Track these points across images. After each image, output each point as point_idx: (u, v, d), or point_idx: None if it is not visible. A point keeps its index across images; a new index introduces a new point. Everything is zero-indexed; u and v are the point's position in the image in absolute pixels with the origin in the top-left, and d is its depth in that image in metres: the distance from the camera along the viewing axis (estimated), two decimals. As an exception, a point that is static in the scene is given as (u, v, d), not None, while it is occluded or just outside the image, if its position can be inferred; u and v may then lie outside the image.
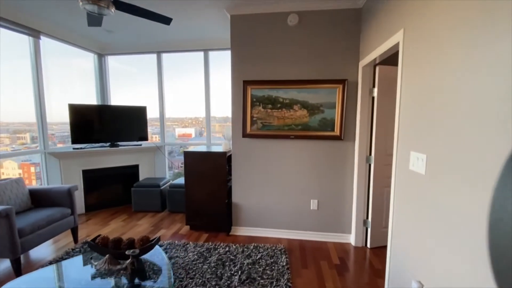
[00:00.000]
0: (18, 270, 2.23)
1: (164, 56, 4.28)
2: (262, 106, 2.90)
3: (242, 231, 3.11)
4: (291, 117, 2.87)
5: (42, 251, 2.72)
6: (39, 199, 2.80)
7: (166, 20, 2.59)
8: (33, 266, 2.42)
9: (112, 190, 4.12)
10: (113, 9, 2.27)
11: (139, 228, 3.31)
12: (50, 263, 2.45)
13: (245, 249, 2.71)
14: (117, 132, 4.07)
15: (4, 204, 2.48)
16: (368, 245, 2.82)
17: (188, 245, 2.79)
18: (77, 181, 3.74)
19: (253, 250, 2.69)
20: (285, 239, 3.00)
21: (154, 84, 4.33)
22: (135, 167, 4.25)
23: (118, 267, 1.72)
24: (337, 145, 2.86)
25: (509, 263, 0.47)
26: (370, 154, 2.75)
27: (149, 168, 4.37)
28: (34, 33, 3.19)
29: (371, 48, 2.39)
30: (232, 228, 3.14)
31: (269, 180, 3.00)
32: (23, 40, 3.18)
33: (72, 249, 2.71)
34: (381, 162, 2.70)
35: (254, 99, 2.90)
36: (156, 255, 2.00)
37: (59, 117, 3.80)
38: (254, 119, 2.93)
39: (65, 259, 2.51)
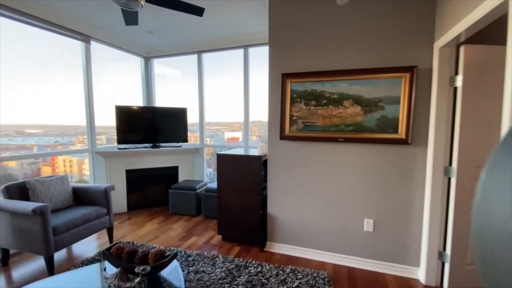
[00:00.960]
0: (51, 268, 2.24)
1: (205, 56, 4.17)
2: (304, 103, 2.46)
3: (278, 248, 2.69)
4: (340, 116, 2.35)
5: (78, 249, 2.76)
6: (80, 197, 2.88)
7: (199, 11, 2.38)
8: (66, 265, 2.44)
9: (153, 190, 4.15)
10: (143, 1, 2.14)
11: (172, 232, 3.18)
12: (82, 263, 2.43)
13: (280, 271, 2.29)
14: (158, 133, 4.09)
15: (47, 200, 2.57)
16: (445, 286, 2.10)
17: (217, 259, 2.50)
18: (121, 180, 3.85)
19: (290, 274, 2.25)
20: (329, 263, 2.47)
21: (197, 86, 4.25)
22: (175, 169, 4.22)
23: (128, 285, 1.50)
24: (402, 151, 2.23)
25: (491, 266, 0.48)
26: (451, 164, 2.05)
27: (188, 170, 4.29)
28: (85, 38, 3.38)
29: (453, 20, 1.75)
30: (267, 244, 2.74)
31: (312, 191, 2.52)
32: (76, 45, 3.38)
33: (106, 250, 2.67)
34: (468, 176, 1.98)
35: (295, 95, 2.48)
36: (174, 273, 1.74)
37: (110, 119, 3.98)
38: (294, 118, 2.50)
39: (97, 260, 2.48)
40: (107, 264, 1.77)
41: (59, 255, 2.61)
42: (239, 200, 2.81)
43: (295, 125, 2.50)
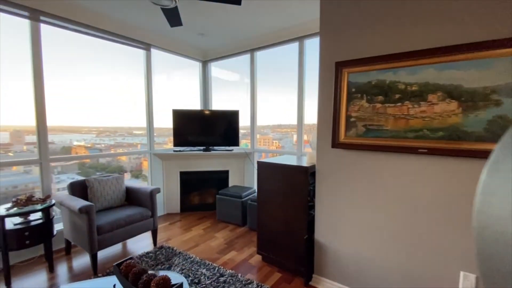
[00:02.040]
0: (94, 265, 2.32)
1: (258, 55, 3.89)
2: (367, 99, 1.83)
3: (327, 285, 2.11)
4: (423, 116, 1.63)
5: (121, 249, 2.85)
6: (131, 196, 3.00)
7: (236, 0, 2.08)
8: (106, 264, 2.52)
9: (204, 193, 4.13)
10: (176, -4, 1.99)
11: (213, 242, 2.98)
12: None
13: (324, 322, 1.74)
14: (211, 136, 4.05)
15: (102, 198, 2.75)
16: None
17: (251, 286, 2.13)
18: (175, 182, 3.95)
19: (338, 330, 1.67)
20: (401, 325, 1.75)
21: (249, 86, 4.03)
22: (226, 173, 4.09)
23: (126, 313, 1.29)
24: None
25: (492, 267, 0.48)
26: None
27: (238, 175, 4.09)
28: (146, 46, 3.58)
29: None
30: (314, 277, 2.20)
31: (375, 219, 1.85)
32: (138, 53, 3.62)
33: (147, 253, 2.68)
34: None
35: (353, 89, 1.88)
36: (185, 304, 1.46)
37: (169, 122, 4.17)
38: (352, 119, 1.90)
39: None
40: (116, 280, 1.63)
41: (107, 252, 2.73)
42: (282, 218, 2.36)
43: (353, 129, 1.90)
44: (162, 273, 1.52)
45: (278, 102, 3.98)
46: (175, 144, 3.96)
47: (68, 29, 2.82)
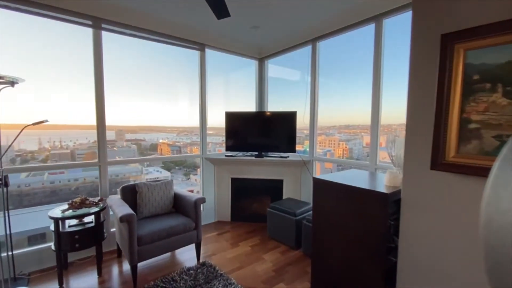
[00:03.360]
0: (134, 277, 2.20)
1: (321, 45, 3.29)
2: (504, 93, 1.08)
3: None
4: None
5: (164, 260, 2.69)
6: (178, 204, 2.85)
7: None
8: (148, 275, 2.38)
9: (255, 203, 3.76)
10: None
11: (260, 266, 2.56)
12: (162, 280, 2.28)
13: None
14: (264, 141, 3.65)
15: (149, 204, 2.67)
16: None
17: None
18: (226, 188, 3.71)
19: None
20: None
21: (310, 82, 3.46)
22: (280, 183, 3.62)
23: None
24: None
25: (497, 261, 0.48)
26: None
27: (294, 186, 3.57)
28: (200, 46, 3.44)
29: None
30: None
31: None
32: (193, 54, 3.51)
33: (188, 269, 2.45)
34: None
35: (476, 76, 1.15)
36: None
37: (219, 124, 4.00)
38: (473, 126, 1.16)
39: (174, 280, 2.26)
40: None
41: (149, 262, 2.60)
42: (345, 258, 1.75)
43: (474, 142, 1.16)
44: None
45: (344, 99, 3.29)
46: (227, 148, 3.72)
47: (125, 35, 2.86)
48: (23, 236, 2.66)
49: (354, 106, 3.28)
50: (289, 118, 3.50)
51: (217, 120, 3.83)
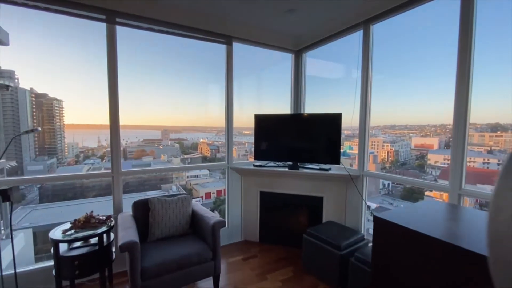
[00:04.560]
0: (136, 319, 1.81)
1: (375, 29, 2.57)
2: None
3: None
4: None
5: None
6: (196, 224, 2.43)
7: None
8: (156, 318, 1.97)
9: (289, 223, 3.16)
10: None
11: (293, 315, 1.98)
12: (169, 324, 1.85)
13: None
14: (300, 149, 3.05)
15: (162, 224, 2.28)
16: None
17: None
18: (254, 203, 3.20)
19: None
20: None
21: (360, 76, 2.76)
22: (319, 201, 2.98)
23: None
24: None
25: (502, 251, 0.48)
26: None
27: (337, 207, 2.89)
28: (227, 39, 2.97)
29: None
30: None
31: None
32: (219, 48, 3.06)
33: (202, 311, 1.99)
34: None
35: None
36: None
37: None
38: None
39: (183, 327, 1.81)
40: None
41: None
42: None
43: None
44: None
45: (395, 95, 2.58)
46: (257, 157, 3.20)
47: (142, 29, 2.53)
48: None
49: (404, 104, 2.58)
50: (332, 122, 2.84)
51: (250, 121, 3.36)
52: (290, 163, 3.07)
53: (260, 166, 3.15)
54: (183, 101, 3.45)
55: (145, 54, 3.11)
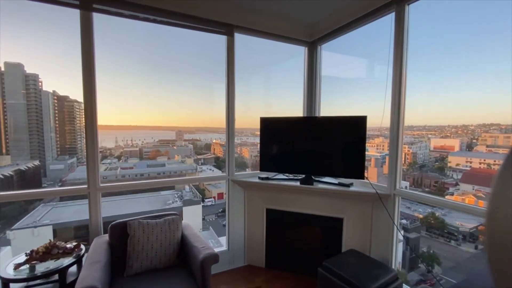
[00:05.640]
0: None
1: (411, 9, 2.02)
2: None
3: None
4: None
5: None
6: (186, 254, 1.98)
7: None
8: None
9: (301, 247, 2.65)
10: None
11: None
12: None
13: None
14: (315, 159, 2.53)
15: (142, 255, 1.84)
16: None
17: None
18: (260, 222, 2.71)
19: None
20: None
21: (390, 72, 2.22)
22: (338, 223, 2.44)
23: None
24: None
25: (499, 249, 0.49)
26: None
27: (361, 232, 2.35)
28: (228, 29, 2.51)
29: None
30: None
31: None
32: (218, 41, 2.61)
33: None
34: None
35: None
36: None
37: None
38: None
39: None
40: None
41: None
42: None
43: None
44: None
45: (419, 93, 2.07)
46: (263, 167, 2.71)
47: (123, 16, 2.11)
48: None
49: (425, 103, 2.12)
50: (355, 127, 2.31)
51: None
52: (303, 176, 2.56)
53: (267, 178, 2.66)
54: (196, 102, 3.44)
55: (149, 50, 3.01)
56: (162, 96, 3.20)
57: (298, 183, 2.51)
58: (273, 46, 2.91)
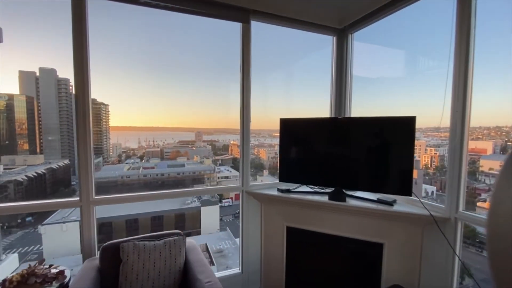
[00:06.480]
0: None
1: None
2: None
3: None
4: None
5: None
6: (189, 283, 1.62)
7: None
8: None
9: (328, 274, 2.20)
10: None
11: None
12: None
13: None
14: (347, 169, 2.08)
15: (137, 285, 1.51)
16: None
17: None
18: (279, 242, 2.30)
19: None
20: None
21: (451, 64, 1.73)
22: (377, 249, 1.97)
23: None
24: None
25: (501, 245, 0.48)
26: None
27: (405, 262, 1.86)
28: (243, 14, 2.14)
29: None
30: None
31: None
32: (232, 28, 2.25)
33: None
34: None
35: None
36: None
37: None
38: None
39: None
40: None
41: None
42: None
43: None
44: None
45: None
46: (282, 177, 2.29)
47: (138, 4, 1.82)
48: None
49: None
50: (400, 131, 1.83)
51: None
52: (332, 189, 2.12)
53: (288, 191, 2.25)
54: (214, 103, 3.45)
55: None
56: (181, 98, 3.30)
57: (326, 198, 2.07)
58: (295, 37, 2.52)
